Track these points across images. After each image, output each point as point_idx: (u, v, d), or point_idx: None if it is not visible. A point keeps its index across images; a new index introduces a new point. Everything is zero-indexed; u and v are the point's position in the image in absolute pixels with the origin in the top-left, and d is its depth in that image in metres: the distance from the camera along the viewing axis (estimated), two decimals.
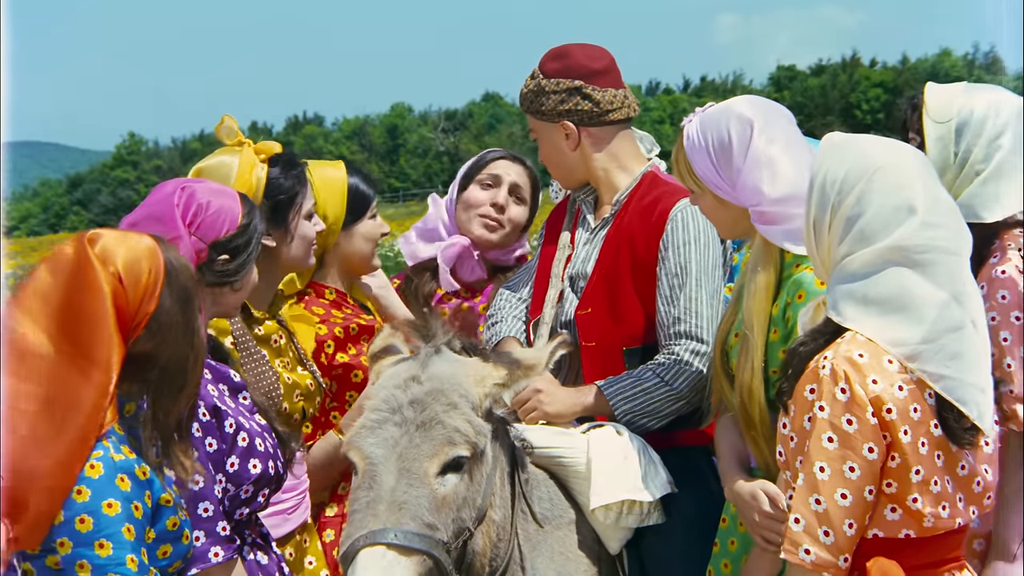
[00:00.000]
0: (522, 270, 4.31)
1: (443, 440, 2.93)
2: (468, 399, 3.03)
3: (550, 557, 3.39)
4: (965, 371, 2.76)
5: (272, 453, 3.18)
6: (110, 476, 2.61)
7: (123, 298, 2.67)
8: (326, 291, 4.20)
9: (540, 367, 3.18)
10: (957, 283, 2.79)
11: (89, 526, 2.58)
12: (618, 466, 3.51)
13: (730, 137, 3.30)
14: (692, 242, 3.77)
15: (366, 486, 2.89)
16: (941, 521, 2.78)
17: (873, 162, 2.82)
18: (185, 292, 2.77)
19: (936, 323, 2.75)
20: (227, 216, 3.20)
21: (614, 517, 3.50)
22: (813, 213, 2.88)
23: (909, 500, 2.75)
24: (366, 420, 2.99)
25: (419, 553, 2.82)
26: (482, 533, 3.07)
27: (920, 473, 2.74)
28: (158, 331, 2.71)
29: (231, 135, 3.76)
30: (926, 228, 2.77)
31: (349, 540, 2.83)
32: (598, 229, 3.99)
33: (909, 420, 2.74)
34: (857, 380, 2.72)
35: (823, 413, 2.74)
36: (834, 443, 2.73)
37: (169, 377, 2.76)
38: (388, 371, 3.11)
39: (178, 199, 3.17)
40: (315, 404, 3.85)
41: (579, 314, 3.89)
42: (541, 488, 3.47)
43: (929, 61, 79.99)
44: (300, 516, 3.77)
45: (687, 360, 3.67)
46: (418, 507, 2.85)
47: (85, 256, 2.67)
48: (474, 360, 3.16)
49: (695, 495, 3.66)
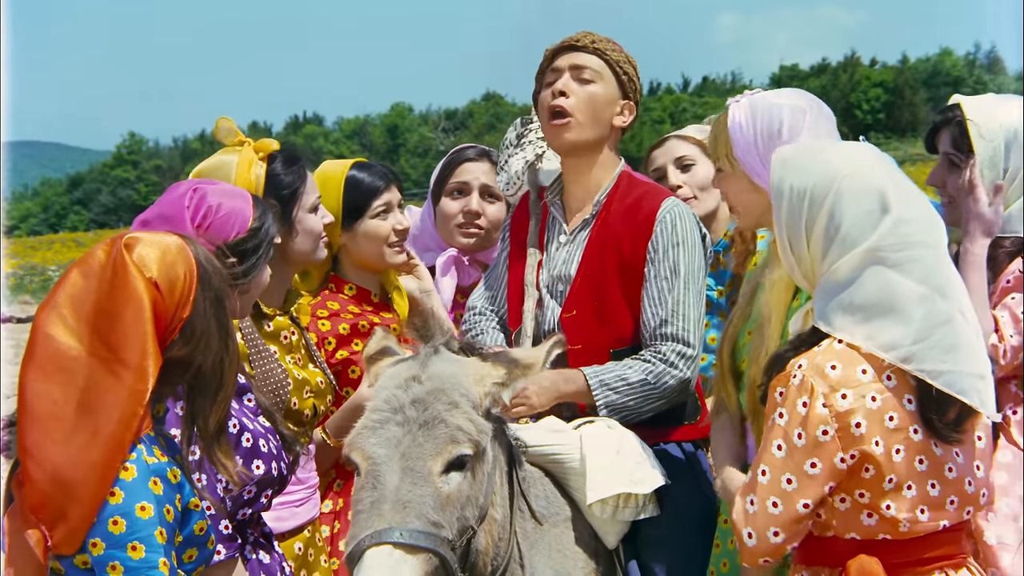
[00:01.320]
0: (488, 279, 4.21)
1: (446, 438, 2.93)
2: (469, 398, 3.03)
3: (548, 555, 3.40)
4: (962, 362, 2.76)
5: (276, 454, 3.18)
6: (144, 478, 2.61)
7: (161, 306, 2.67)
8: (345, 286, 4.20)
9: (538, 366, 3.18)
10: (938, 276, 2.79)
11: (122, 528, 2.57)
12: (612, 460, 3.53)
13: (781, 123, 3.32)
14: (680, 244, 3.77)
15: (370, 486, 2.88)
16: (919, 525, 2.79)
17: (837, 170, 2.84)
18: (218, 294, 2.77)
19: (924, 320, 2.75)
20: (237, 218, 3.19)
21: (611, 511, 3.52)
22: (785, 230, 2.89)
23: (883, 507, 2.77)
24: (367, 420, 2.99)
25: (425, 551, 2.81)
26: (485, 532, 3.08)
27: (893, 481, 2.76)
28: (192, 336, 2.71)
29: (231, 135, 3.76)
30: (900, 225, 2.78)
31: (354, 541, 2.83)
32: (577, 231, 3.94)
33: (882, 431, 2.75)
34: (822, 396, 2.74)
35: (781, 420, 2.78)
36: (782, 451, 2.77)
37: (205, 381, 2.76)
38: (388, 371, 3.11)
39: (189, 200, 3.16)
40: (326, 401, 3.83)
41: (564, 317, 3.86)
42: (537, 486, 3.49)
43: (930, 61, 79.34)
44: (309, 511, 3.77)
45: (673, 362, 3.69)
46: (423, 505, 2.85)
47: (122, 262, 2.66)
48: (473, 360, 3.16)
49: (688, 487, 3.69)
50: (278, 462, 3.18)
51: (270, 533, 3.35)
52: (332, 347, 4.05)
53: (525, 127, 4.43)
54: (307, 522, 3.76)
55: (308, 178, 3.81)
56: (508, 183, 4.38)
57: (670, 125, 69.89)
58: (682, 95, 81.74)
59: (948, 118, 3.73)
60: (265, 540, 3.28)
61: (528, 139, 4.37)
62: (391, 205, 4.19)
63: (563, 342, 3.28)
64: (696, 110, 71.69)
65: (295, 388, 3.68)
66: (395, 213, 4.20)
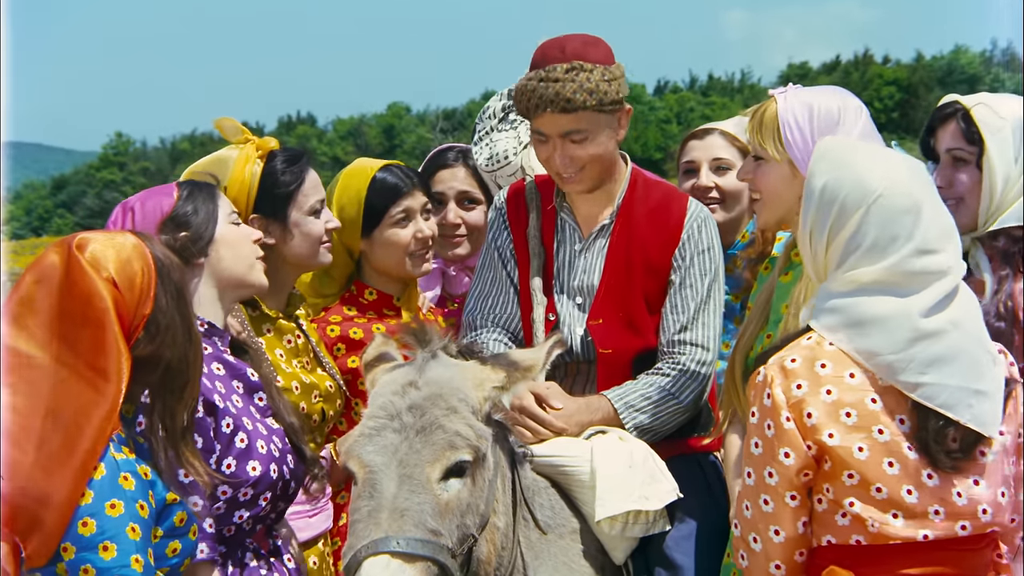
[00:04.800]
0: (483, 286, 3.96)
1: (444, 445, 2.90)
2: (468, 403, 3.00)
3: (553, 567, 3.35)
4: (948, 375, 2.77)
5: (278, 457, 3.13)
6: (113, 476, 2.60)
7: (122, 303, 2.66)
8: (366, 291, 4.13)
9: (537, 368, 3.15)
10: (939, 298, 2.81)
11: (92, 529, 2.55)
12: (623, 475, 3.46)
13: (840, 113, 3.35)
14: (706, 251, 3.79)
15: (367, 495, 2.85)
16: (892, 529, 2.77)
17: (872, 188, 2.85)
18: (177, 287, 2.76)
19: (904, 331, 2.78)
20: (161, 202, 3.20)
21: (620, 528, 3.46)
22: (810, 225, 2.93)
23: (846, 503, 2.79)
24: (363, 428, 2.95)
25: (424, 560, 2.78)
26: (486, 540, 3.04)
27: (855, 477, 2.78)
28: (157, 332, 2.70)
29: (236, 133, 3.74)
30: (919, 256, 2.83)
31: (352, 551, 2.80)
32: (594, 237, 3.87)
33: (837, 425, 2.77)
34: (780, 385, 2.80)
35: (753, 419, 2.86)
36: (759, 448, 2.84)
37: (172, 376, 2.74)
38: (384, 377, 3.08)
39: (116, 216, 3.22)
40: (335, 406, 3.81)
41: (592, 325, 3.79)
42: (543, 495, 3.44)
43: (945, 58, 79.20)
44: (323, 522, 3.76)
45: (693, 371, 3.69)
46: (421, 513, 2.82)
47: (76, 263, 2.65)
48: (471, 363, 3.13)
49: (701, 502, 3.62)
50: (279, 464, 3.14)
51: (279, 548, 3.29)
52: (342, 353, 3.98)
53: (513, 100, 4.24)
54: (321, 534, 3.74)
55: (308, 180, 3.76)
56: (491, 160, 4.30)
57: (676, 125, 69.11)
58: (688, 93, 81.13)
59: (948, 113, 3.68)
60: (270, 554, 3.22)
61: (518, 117, 4.25)
62: (412, 211, 4.08)
63: (563, 342, 3.28)
64: (703, 109, 71.54)
65: (303, 392, 3.67)
66: (417, 220, 4.10)
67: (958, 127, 3.65)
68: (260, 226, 3.64)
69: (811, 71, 78.44)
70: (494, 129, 4.32)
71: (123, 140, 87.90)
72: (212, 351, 3.15)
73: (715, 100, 74.32)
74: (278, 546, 3.30)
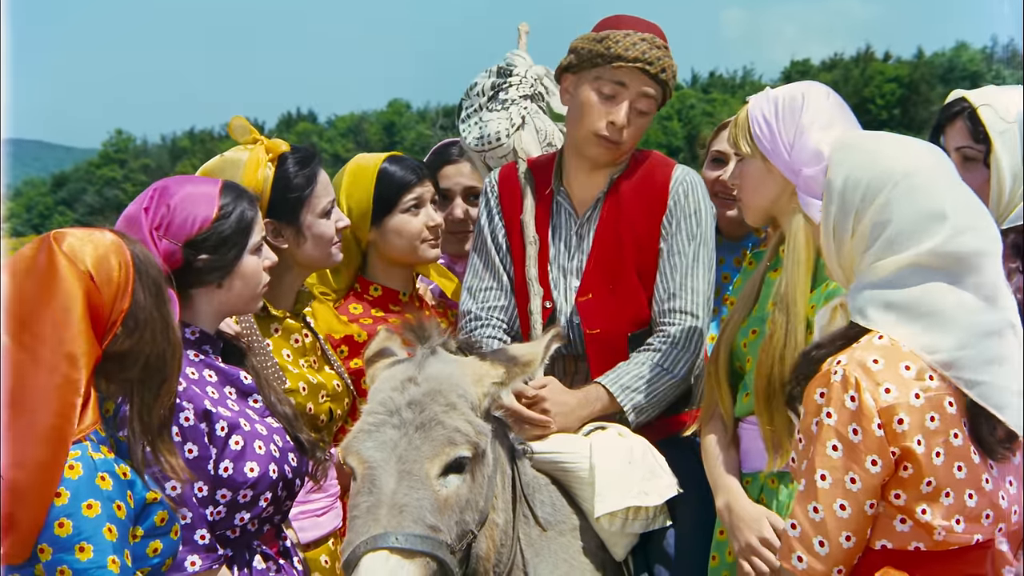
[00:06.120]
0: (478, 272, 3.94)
1: (443, 440, 2.89)
2: (467, 399, 2.99)
3: (553, 564, 3.34)
4: (1004, 376, 2.73)
5: (277, 457, 3.12)
6: (90, 476, 2.57)
7: (97, 296, 2.64)
8: (371, 287, 4.12)
9: (537, 362, 3.13)
10: (989, 287, 2.76)
11: (68, 530, 2.53)
12: (622, 471, 3.45)
13: (804, 98, 3.35)
14: (693, 214, 3.76)
15: (366, 491, 2.85)
16: (954, 536, 2.73)
17: (898, 168, 2.79)
18: (156, 285, 2.75)
19: (969, 328, 2.72)
20: (198, 213, 3.13)
21: (619, 524, 3.44)
22: (833, 217, 2.85)
23: (918, 511, 2.72)
24: (363, 424, 2.95)
25: (423, 555, 2.78)
26: (486, 536, 3.04)
27: (932, 484, 2.72)
28: (135, 328, 2.69)
29: (244, 133, 3.74)
30: (957, 234, 2.74)
31: (351, 547, 2.80)
32: (588, 214, 3.86)
33: (923, 430, 2.71)
34: (868, 388, 2.70)
35: (830, 420, 2.73)
36: (838, 452, 2.72)
37: (150, 373, 2.73)
38: (384, 373, 3.07)
39: (149, 201, 3.14)
40: (343, 405, 3.79)
41: (580, 301, 3.77)
42: (543, 492, 3.42)
43: (946, 55, 78.88)
44: (332, 520, 3.75)
45: (683, 341, 3.67)
46: (420, 509, 2.81)
47: (51, 254, 2.64)
48: (471, 359, 3.12)
49: (702, 496, 3.56)
50: (279, 464, 3.12)
51: (289, 549, 3.28)
52: (346, 354, 3.97)
53: (503, 79, 4.27)
54: (330, 532, 3.75)
55: (320, 181, 3.74)
56: (481, 140, 4.23)
57: (678, 122, 68.97)
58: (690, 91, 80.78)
59: (956, 111, 3.68)
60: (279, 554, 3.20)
61: (510, 97, 4.23)
62: (423, 200, 4.10)
63: (562, 335, 3.28)
64: (704, 106, 71.48)
65: (310, 392, 3.65)
66: (427, 208, 4.11)
67: (965, 125, 3.66)
68: (273, 230, 3.64)
69: (812, 68, 78.47)
70: (483, 108, 4.27)
71: (123, 137, 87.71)
72: (203, 358, 3.14)
73: (716, 97, 74.27)
74: (288, 547, 3.28)
